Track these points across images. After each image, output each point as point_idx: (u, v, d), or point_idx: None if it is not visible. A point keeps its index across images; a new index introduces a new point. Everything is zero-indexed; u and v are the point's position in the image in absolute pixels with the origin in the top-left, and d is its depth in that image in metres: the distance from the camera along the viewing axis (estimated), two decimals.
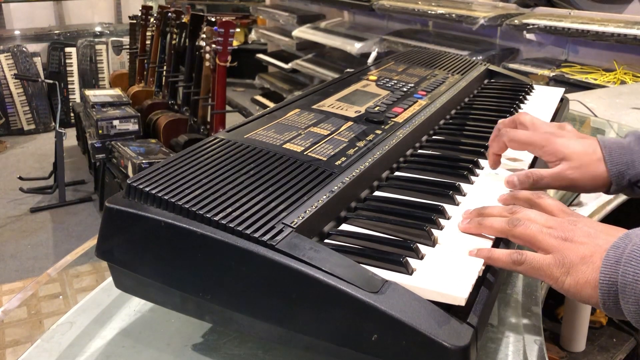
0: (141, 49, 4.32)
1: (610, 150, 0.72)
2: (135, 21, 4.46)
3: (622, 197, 1.09)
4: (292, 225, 0.57)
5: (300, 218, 0.58)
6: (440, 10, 3.18)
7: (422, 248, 0.59)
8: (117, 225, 0.62)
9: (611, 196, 1.04)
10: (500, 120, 0.81)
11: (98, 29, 5.58)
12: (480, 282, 0.57)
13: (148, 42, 4.26)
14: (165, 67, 3.95)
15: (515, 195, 0.67)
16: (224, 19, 3.18)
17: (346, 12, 4.49)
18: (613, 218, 1.00)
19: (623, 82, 2.43)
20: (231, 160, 0.67)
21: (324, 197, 0.63)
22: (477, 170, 0.80)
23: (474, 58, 1.53)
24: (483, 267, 0.57)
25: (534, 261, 0.55)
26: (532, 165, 0.83)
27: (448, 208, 0.68)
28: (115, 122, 3.36)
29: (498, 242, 0.63)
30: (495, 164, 0.80)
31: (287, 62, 4.52)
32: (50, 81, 4.24)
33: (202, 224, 0.57)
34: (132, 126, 3.40)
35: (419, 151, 0.87)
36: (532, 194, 0.65)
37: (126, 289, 0.67)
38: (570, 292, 0.54)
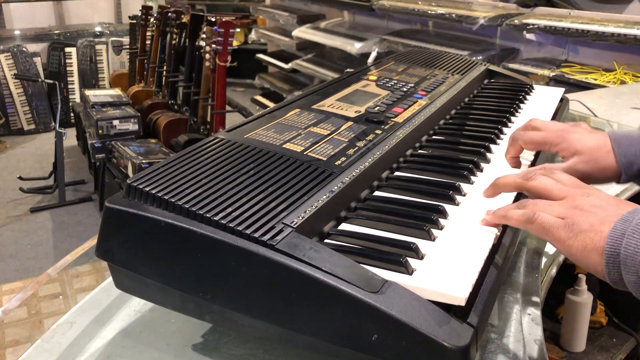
0: (141, 49, 4.32)
1: (619, 142, 0.76)
2: (135, 21, 4.46)
3: (632, 190, 1.10)
4: (292, 225, 0.57)
5: (300, 218, 0.58)
6: (440, 10, 3.18)
7: (422, 248, 0.59)
8: (117, 225, 0.62)
9: (621, 188, 1.06)
10: (515, 130, 0.85)
11: (98, 29, 5.58)
12: (481, 282, 0.57)
13: (148, 42, 4.26)
14: (165, 67, 3.95)
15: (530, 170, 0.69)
16: (224, 19, 3.18)
17: (346, 12, 4.49)
18: None
19: (623, 82, 2.43)
20: (231, 160, 0.67)
21: (324, 197, 0.63)
22: (477, 171, 0.80)
23: (474, 58, 1.54)
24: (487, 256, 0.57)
25: (545, 222, 0.57)
26: (533, 163, 0.85)
27: (448, 208, 0.68)
28: (115, 122, 3.36)
29: (499, 240, 0.63)
30: (517, 165, 0.84)
31: (287, 62, 4.52)
32: (50, 81, 4.24)
33: (202, 224, 0.57)
34: (132, 126, 3.40)
35: (419, 151, 0.87)
36: (547, 170, 0.66)
37: (126, 289, 0.67)
38: (577, 257, 0.55)
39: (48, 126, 5.14)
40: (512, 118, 1.02)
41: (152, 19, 4.15)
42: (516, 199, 0.71)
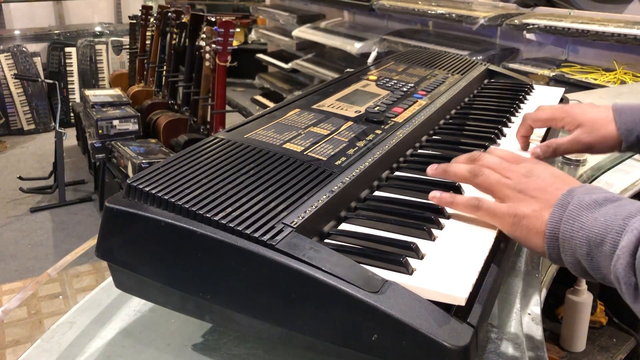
0: (141, 49, 4.32)
1: (620, 111, 0.81)
2: (135, 21, 4.46)
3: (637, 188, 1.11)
4: (292, 225, 0.57)
5: (300, 218, 0.58)
6: (440, 10, 3.18)
7: (422, 248, 0.59)
8: (117, 225, 0.62)
9: (626, 185, 1.10)
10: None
11: (98, 29, 5.58)
12: (481, 281, 0.57)
13: (148, 42, 4.26)
14: (165, 67, 3.95)
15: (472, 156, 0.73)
16: (224, 19, 3.18)
17: (346, 12, 4.49)
18: None
19: (623, 82, 2.43)
20: (231, 160, 0.67)
21: (324, 197, 0.63)
22: None
23: (474, 58, 1.53)
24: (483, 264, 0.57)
25: (490, 209, 0.63)
26: (544, 140, 0.90)
27: (448, 208, 0.68)
28: (115, 122, 3.35)
29: (499, 240, 0.63)
30: (525, 146, 0.89)
31: (287, 62, 4.52)
32: (50, 81, 4.24)
33: (202, 224, 0.57)
34: (132, 126, 3.40)
35: (419, 151, 0.87)
36: (489, 150, 0.71)
37: (126, 289, 0.67)
38: (520, 239, 0.61)
39: (48, 126, 5.14)
40: (512, 118, 1.02)
41: (152, 19, 4.15)
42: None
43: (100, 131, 3.32)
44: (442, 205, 0.67)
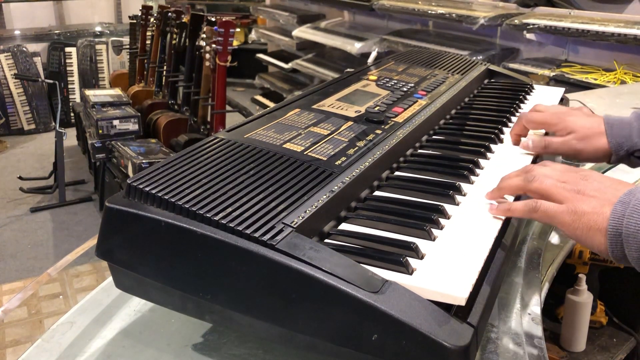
0: (141, 49, 4.32)
1: (612, 125, 0.82)
2: (135, 21, 4.46)
3: None
4: (292, 225, 0.57)
5: (300, 218, 0.58)
6: (440, 10, 3.18)
7: (422, 248, 0.59)
8: (117, 225, 0.62)
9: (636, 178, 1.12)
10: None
11: (98, 29, 5.58)
12: (481, 281, 0.57)
13: (148, 42, 4.25)
14: (165, 67, 3.95)
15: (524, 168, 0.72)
16: (224, 19, 3.18)
17: (346, 12, 4.49)
18: None
19: (623, 82, 2.43)
20: (231, 160, 0.67)
21: (324, 197, 0.63)
22: (477, 170, 0.80)
23: (474, 58, 1.53)
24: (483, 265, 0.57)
25: (549, 209, 0.61)
26: (534, 160, 0.88)
27: (448, 208, 0.68)
28: (115, 122, 3.35)
29: (499, 240, 0.63)
30: (517, 142, 0.90)
31: (287, 62, 4.52)
32: (50, 81, 4.24)
33: (202, 224, 0.57)
34: (132, 126, 3.40)
35: (419, 151, 0.87)
36: (540, 163, 0.70)
37: (126, 289, 0.67)
38: (581, 238, 0.60)
39: (48, 126, 5.15)
40: (512, 118, 1.02)
41: (152, 19, 4.15)
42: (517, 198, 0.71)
43: (100, 131, 3.32)
44: (500, 215, 0.66)
